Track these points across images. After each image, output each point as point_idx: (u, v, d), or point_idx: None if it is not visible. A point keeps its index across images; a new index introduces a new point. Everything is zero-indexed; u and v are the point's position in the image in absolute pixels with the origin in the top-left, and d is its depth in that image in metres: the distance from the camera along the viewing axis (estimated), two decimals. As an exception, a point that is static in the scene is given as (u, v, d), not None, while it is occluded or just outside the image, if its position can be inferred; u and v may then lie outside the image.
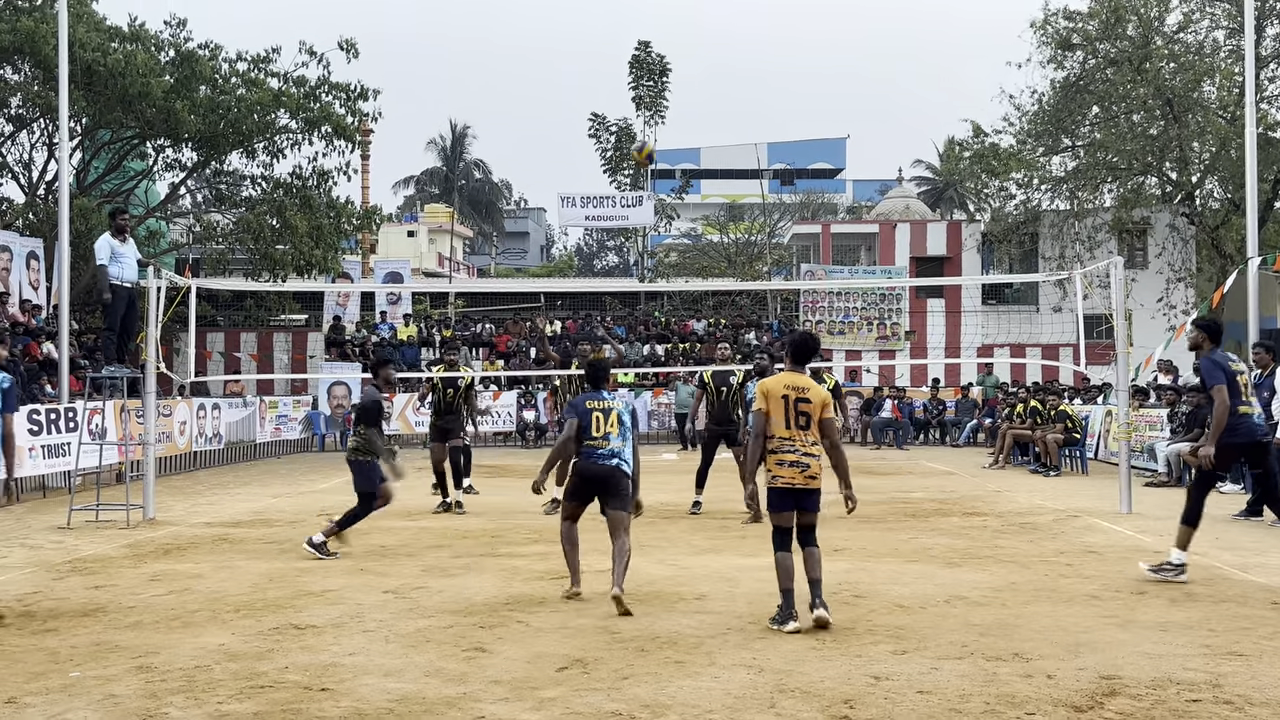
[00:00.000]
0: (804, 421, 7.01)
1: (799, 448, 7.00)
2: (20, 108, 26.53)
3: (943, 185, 60.83)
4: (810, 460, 7.01)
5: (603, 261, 76.82)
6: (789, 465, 6.99)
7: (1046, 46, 32.63)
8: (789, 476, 7.00)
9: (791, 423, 7.00)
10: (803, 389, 7.06)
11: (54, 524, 12.60)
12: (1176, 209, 33.13)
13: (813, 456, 7.03)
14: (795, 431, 7.00)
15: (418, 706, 5.42)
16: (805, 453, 7.00)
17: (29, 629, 7.20)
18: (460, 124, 73.48)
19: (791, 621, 6.89)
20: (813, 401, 7.05)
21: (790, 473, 6.99)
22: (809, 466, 7.01)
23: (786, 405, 7.00)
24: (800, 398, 7.02)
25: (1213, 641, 6.63)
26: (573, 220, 38.11)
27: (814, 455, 7.04)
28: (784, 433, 7.01)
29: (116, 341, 14.56)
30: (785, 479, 7.00)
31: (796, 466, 6.99)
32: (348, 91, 28.38)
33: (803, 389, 7.06)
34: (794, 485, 7.02)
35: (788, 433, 7.00)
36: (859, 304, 34.97)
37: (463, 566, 9.50)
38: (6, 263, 23.19)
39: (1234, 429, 8.65)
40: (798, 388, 7.06)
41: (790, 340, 7.51)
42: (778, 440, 7.02)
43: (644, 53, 38.83)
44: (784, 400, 7.01)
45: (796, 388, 7.06)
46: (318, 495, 16.13)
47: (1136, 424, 17.89)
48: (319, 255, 28.52)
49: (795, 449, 7.00)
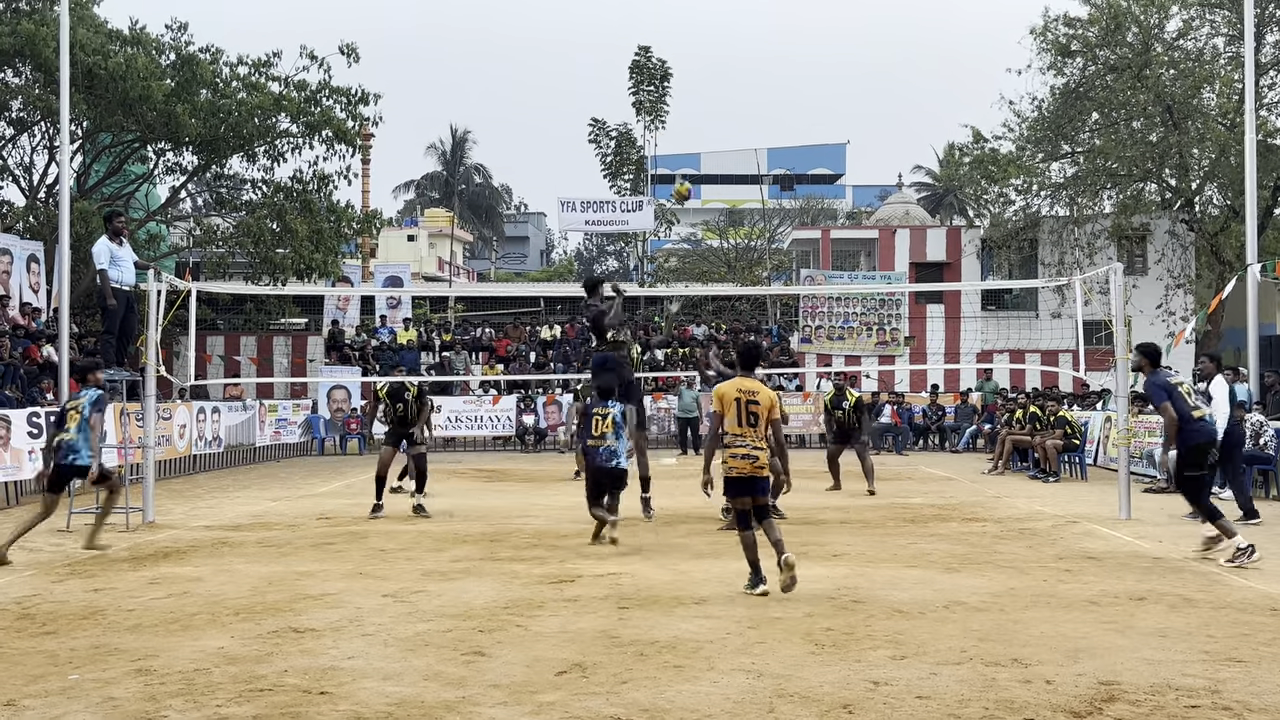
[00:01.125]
0: (753, 420, 7.97)
1: (748, 442, 7.96)
2: (21, 111, 26.57)
3: (943, 191, 60.90)
4: (758, 453, 7.99)
5: (603, 266, 76.86)
6: (741, 458, 7.95)
7: (1046, 53, 32.70)
8: (741, 467, 7.95)
9: (743, 421, 7.96)
10: (753, 392, 7.99)
11: (53, 527, 12.59)
12: (1176, 215, 33.17)
13: (760, 450, 8.00)
14: (745, 429, 7.96)
15: (416, 710, 5.42)
16: (754, 447, 7.96)
17: (28, 631, 7.19)
18: (461, 128, 73.68)
19: (760, 585, 8.00)
20: (760, 403, 7.99)
21: (742, 464, 7.96)
22: (757, 459, 7.97)
23: (739, 406, 7.94)
24: (750, 400, 7.96)
25: (1212, 648, 6.63)
26: (573, 224, 38.15)
27: (761, 449, 8.02)
28: (736, 430, 7.97)
29: (116, 345, 14.56)
30: (738, 470, 7.95)
31: (747, 459, 7.95)
32: (348, 96, 28.42)
33: (753, 392, 7.99)
34: (744, 474, 7.98)
35: (739, 430, 7.97)
36: (858, 309, 34.99)
37: (462, 571, 9.50)
38: (7, 266, 23.21)
39: (1197, 432, 10.00)
40: (748, 391, 8.00)
41: (739, 350, 8.48)
42: (731, 436, 7.97)
43: (644, 58, 38.88)
44: (736, 402, 7.96)
45: (747, 391, 8.00)
46: (317, 499, 16.13)
47: (1135, 430, 17.90)
48: (319, 259, 28.55)
49: (745, 444, 7.96)
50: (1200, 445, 10.07)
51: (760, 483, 8.08)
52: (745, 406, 7.98)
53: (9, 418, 14.87)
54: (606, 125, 39.59)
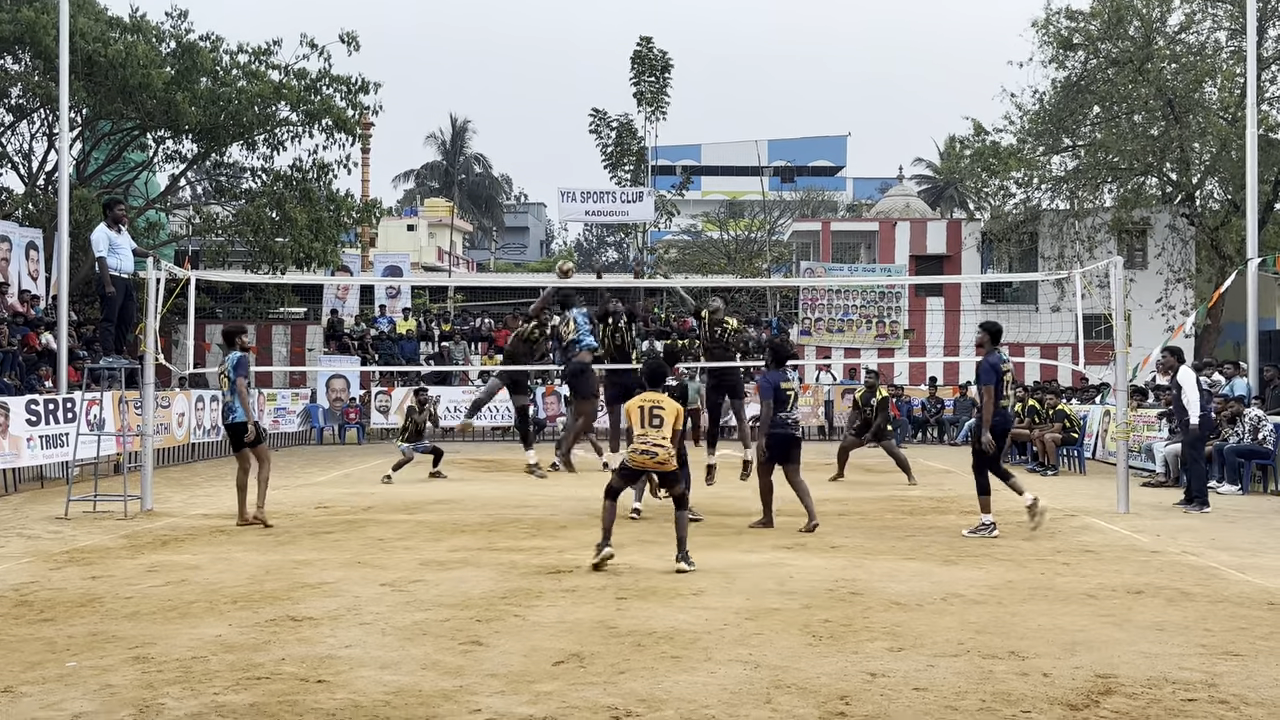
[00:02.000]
0: (657, 422, 9.13)
1: (649, 440, 9.09)
2: (20, 98, 26.47)
3: (943, 184, 60.82)
4: (658, 450, 9.08)
5: (602, 257, 76.78)
6: (640, 452, 9.10)
7: (1048, 46, 32.63)
8: (640, 461, 9.12)
9: (645, 423, 9.15)
10: (657, 403, 9.25)
11: (51, 514, 12.61)
12: (1176, 210, 33.13)
13: (660, 447, 9.08)
14: (648, 429, 9.13)
15: (414, 699, 5.43)
16: (654, 444, 9.08)
17: (26, 618, 7.20)
18: (461, 118, 73.43)
19: (607, 547, 8.94)
20: (666, 410, 9.20)
21: (641, 458, 9.12)
22: (656, 454, 9.07)
23: (643, 413, 9.19)
24: (655, 406, 9.21)
25: (1209, 641, 6.64)
26: (573, 215, 38.11)
27: (661, 446, 9.08)
28: (639, 430, 9.14)
29: (114, 332, 14.55)
30: (637, 463, 9.15)
31: (646, 454, 9.09)
32: (348, 84, 28.31)
33: (657, 403, 9.25)
34: (644, 466, 9.18)
35: (642, 430, 9.13)
36: (858, 302, 34.98)
37: (460, 560, 9.51)
38: (6, 253, 23.17)
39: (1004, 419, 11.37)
40: (653, 402, 9.26)
41: (644, 371, 9.87)
42: (637, 436, 9.15)
43: (646, 48, 38.77)
44: (641, 409, 9.22)
45: (652, 402, 9.26)
46: (315, 488, 16.13)
47: (1134, 424, 17.90)
48: (318, 248, 28.45)
49: (646, 441, 9.09)
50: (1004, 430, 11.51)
51: (667, 476, 9.23)
52: (649, 411, 9.17)
53: (7, 405, 14.86)
54: (607, 116, 39.51)
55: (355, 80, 28.38)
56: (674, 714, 5.20)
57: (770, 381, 11.35)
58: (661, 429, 9.12)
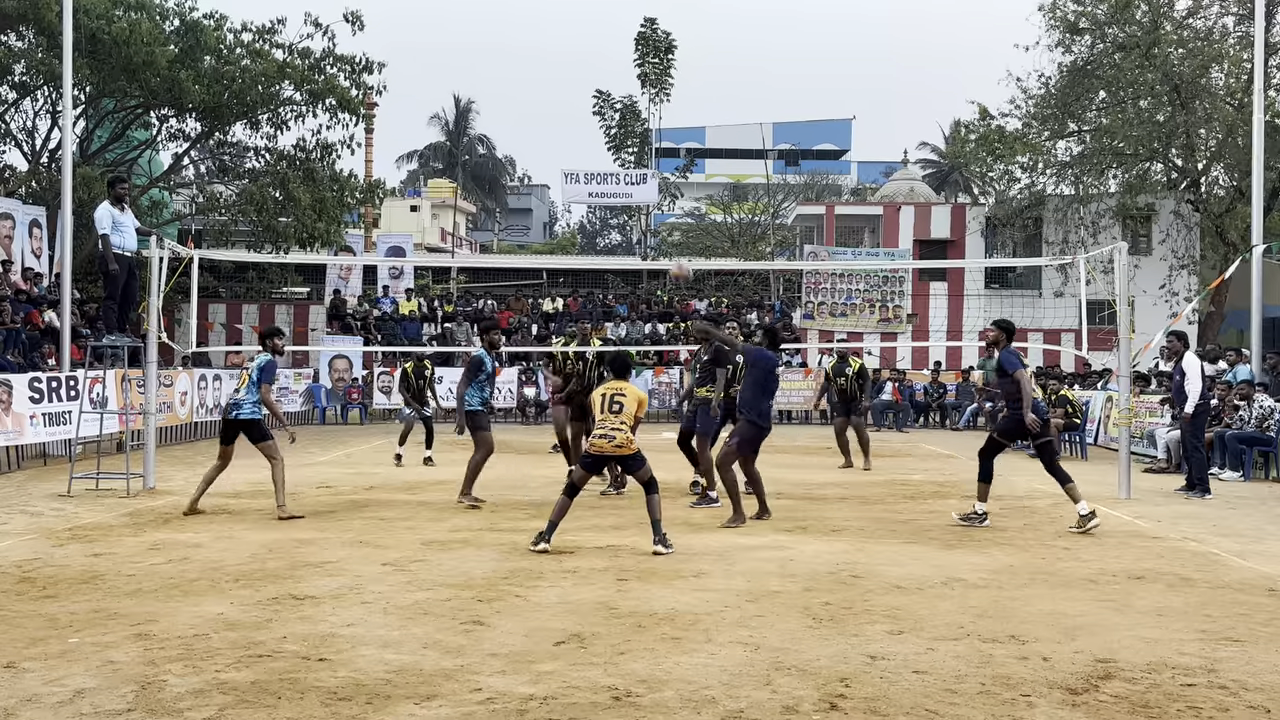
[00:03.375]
0: (616, 408, 9.22)
1: (608, 425, 9.17)
2: (24, 75, 26.41)
3: (948, 168, 60.63)
4: (616, 434, 9.15)
5: (606, 239, 76.68)
6: (600, 437, 9.17)
7: (1055, 30, 32.48)
8: (600, 446, 9.17)
9: (605, 409, 9.24)
10: (619, 390, 9.34)
11: (55, 492, 12.64)
12: (1181, 196, 33.04)
13: (619, 431, 9.15)
14: (608, 415, 9.22)
15: (415, 677, 5.44)
16: (613, 428, 9.15)
17: (29, 595, 7.22)
18: (464, 99, 73.22)
19: (543, 543, 8.92)
20: (628, 397, 9.27)
21: (601, 443, 9.15)
22: (615, 438, 9.14)
23: (604, 400, 9.29)
24: (616, 394, 9.29)
25: (1209, 627, 6.65)
26: (576, 197, 38.10)
27: (619, 430, 9.16)
28: (600, 417, 9.25)
29: (117, 311, 14.55)
30: (597, 448, 9.18)
31: (605, 438, 9.15)
32: (352, 64, 28.27)
33: (619, 390, 9.34)
34: (604, 452, 9.21)
35: (603, 416, 9.23)
36: (861, 286, 34.92)
37: (461, 541, 9.52)
38: (9, 230, 23.17)
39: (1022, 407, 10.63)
40: (615, 389, 9.35)
41: (610, 363, 9.91)
42: (597, 423, 9.24)
43: (650, 29, 38.68)
44: (603, 397, 9.32)
45: (614, 389, 9.35)
46: (318, 467, 16.16)
47: (1136, 410, 17.90)
48: (322, 228, 28.46)
49: (606, 427, 9.17)
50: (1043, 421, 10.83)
51: (627, 460, 9.32)
52: (610, 399, 9.27)
53: (10, 383, 14.88)
54: (611, 98, 39.43)
55: (359, 60, 28.35)
56: (674, 695, 5.22)
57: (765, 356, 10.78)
58: (621, 414, 9.18)
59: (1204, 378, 13.92)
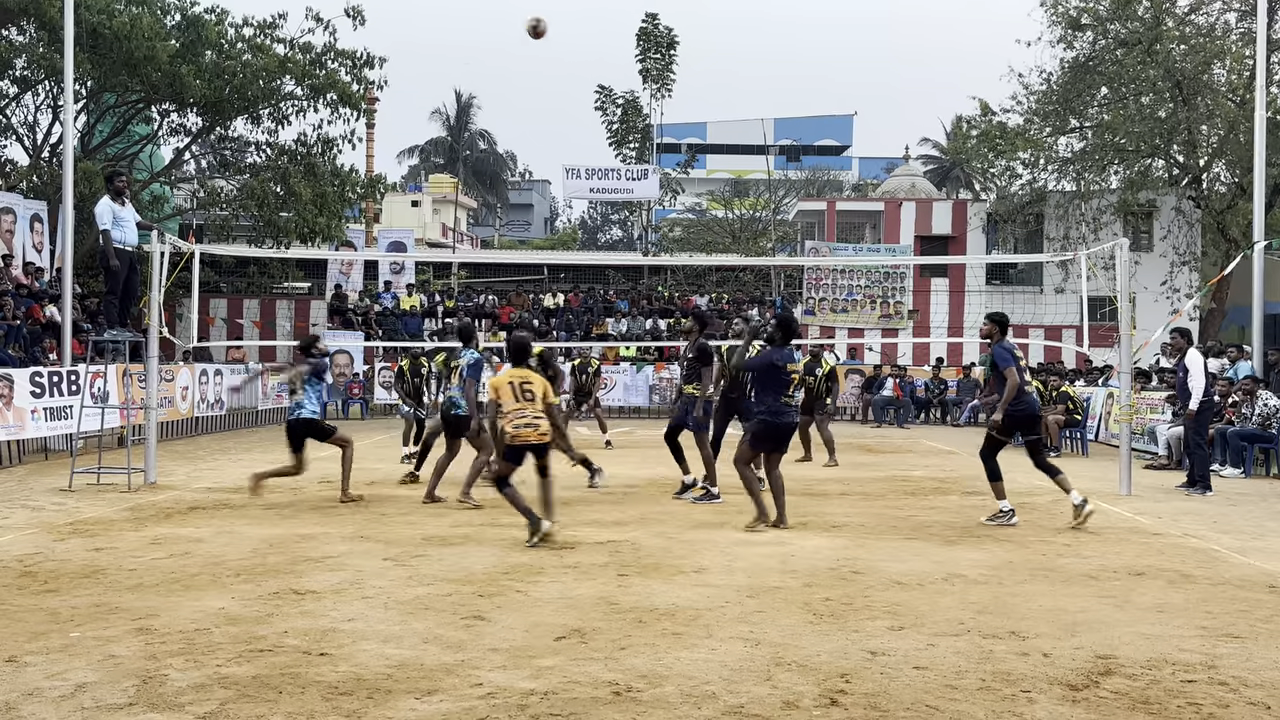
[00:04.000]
0: (529, 396, 9.09)
1: (528, 413, 9.04)
2: (25, 69, 26.41)
3: (949, 164, 60.58)
4: (539, 421, 9.08)
5: (607, 235, 76.66)
6: (523, 426, 9.03)
7: (1056, 26, 32.43)
8: (525, 435, 9.02)
9: (520, 398, 9.07)
10: (527, 379, 9.20)
11: (56, 486, 12.65)
12: (1183, 192, 33.00)
13: (540, 419, 9.09)
14: (524, 403, 9.07)
15: (416, 672, 5.45)
16: (535, 416, 9.06)
17: (30, 589, 7.23)
18: (465, 94, 73.17)
19: (542, 525, 8.93)
20: (535, 384, 9.16)
21: (525, 431, 9.04)
22: (539, 425, 9.07)
23: (513, 388, 9.09)
24: (524, 382, 9.15)
25: (1209, 623, 6.65)
26: (577, 192, 38.04)
27: (540, 418, 9.09)
28: (514, 406, 9.04)
29: (118, 305, 14.55)
30: (521, 437, 9.02)
31: (529, 426, 9.03)
32: (354, 59, 28.25)
33: (527, 379, 9.20)
34: (529, 441, 9.06)
35: (518, 405, 9.04)
36: (863, 282, 34.90)
37: (462, 536, 9.53)
38: (10, 225, 23.16)
39: (1019, 402, 10.56)
40: (523, 378, 9.21)
41: (509, 348, 9.74)
42: (512, 412, 9.03)
43: (651, 25, 38.59)
44: (510, 385, 9.10)
45: (521, 378, 9.20)
46: (318, 463, 16.14)
47: (1138, 406, 17.90)
48: (323, 223, 28.46)
49: (526, 415, 9.04)
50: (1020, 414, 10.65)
51: (545, 448, 9.20)
52: (520, 387, 9.12)
53: (12, 377, 14.88)
54: (613, 93, 39.37)
55: (360, 55, 28.32)
56: (675, 690, 5.22)
57: (765, 360, 10.13)
58: (535, 402, 9.11)
59: (1207, 374, 13.91)
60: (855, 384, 28.56)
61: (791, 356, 10.30)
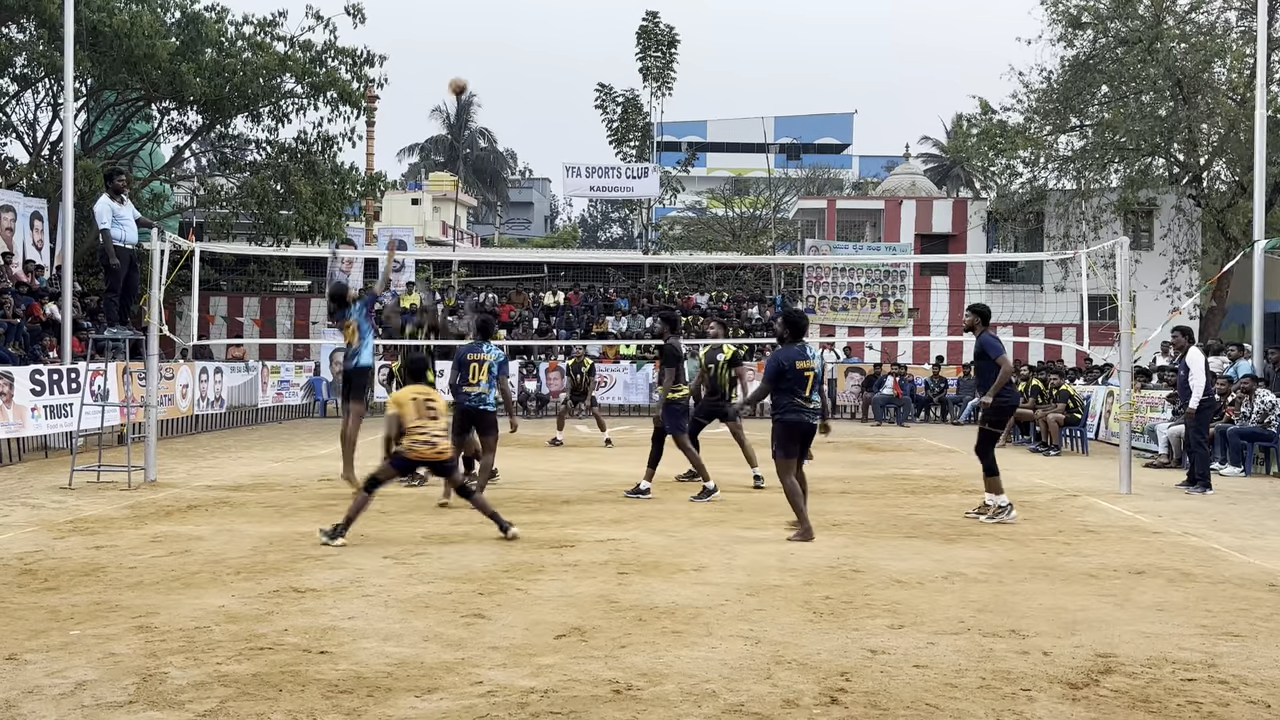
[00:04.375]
0: (433, 414, 9.12)
1: (429, 430, 9.04)
2: (25, 67, 26.39)
3: (950, 163, 60.58)
4: (438, 440, 9.10)
5: (607, 233, 76.64)
6: (422, 444, 9.01)
7: (1057, 24, 32.45)
8: (422, 452, 9.04)
9: (423, 415, 9.08)
10: (430, 396, 9.24)
11: (56, 484, 12.65)
12: (1183, 191, 33.01)
13: (440, 438, 9.10)
14: (425, 421, 9.06)
15: (416, 670, 5.45)
16: (435, 434, 9.07)
17: (30, 587, 7.23)
18: (466, 92, 73.06)
19: (339, 538, 8.89)
20: (437, 403, 9.22)
21: (423, 449, 9.03)
22: (437, 444, 9.07)
23: (416, 404, 9.10)
24: (428, 400, 9.17)
25: (1209, 622, 6.65)
26: (577, 190, 38.03)
27: (440, 436, 9.11)
28: (417, 422, 9.03)
29: (118, 303, 14.55)
30: (418, 454, 9.05)
31: (428, 444, 9.02)
32: (354, 57, 28.22)
33: (430, 396, 9.24)
34: (424, 457, 9.08)
35: (419, 422, 9.03)
36: (863, 280, 34.91)
37: (462, 534, 9.53)
38: (10, 223, 23.16)
39: (1005, 392, 10.72)
40: (425, 395, 9.23)
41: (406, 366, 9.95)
42: (415, 427, 9.02)
43: (652, 23, 38.59)
44: (414, 401, 9.11)
45: (425, 395, 9.22)
46: (319, 460, 16.17)
47: (1138, 405, 17.89)
48: (323, 221, 28.44)
49: (427, 432, 9.03)
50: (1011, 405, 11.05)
51: (443, 464, 9.20)
52: (424, 404, 9.12)
53: (12, 375, 14.88)
54: (613, 91, 39.37)
55: (360, 53, 28.29)
56: (675, 688, 5.22)
57: (773, 362, 9.55)
58: (438, 421, 9.15)
59: (1208, 373, 13.90)
60: (855, 382, 28.57)
61: (803, 354, 9.56)
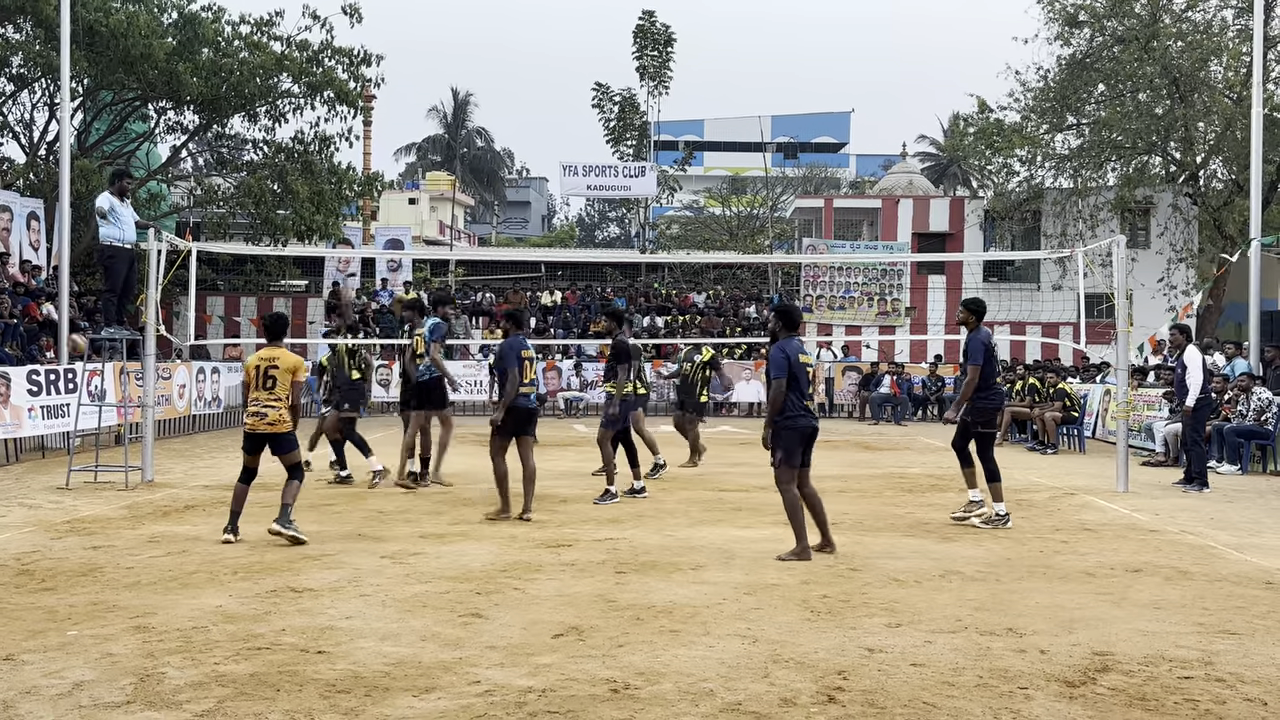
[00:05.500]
0: (270, 384, 8.81)
1: (261, 401, 8.81)
2: (22, 67, 26.33)
3: (946, 161, 60.63)
4: (268, 410, 8.80)
5: (604, 232, 76.63)
6: (252, 415, 8.82)
7: (1054, 23, 32.46)
8: (253, 425, 8.83)
9: (259, 385, 8.83)
10: (273, 361, 8.86)
11: (53, 484, 12.64)
12: (1180, 189, 33.04)
13: (270, 407, 8.81)
14: (260, 391, 8.83)
15: (413, 670, 5.45)
16: (265, 404, 8.80)
17: (28, 587, 7.22)
18: (463, 91, 73.10)
19: (229, 535, 8.82)
20: (280, 367, 8.84)
21: (253, 421, 8.82)
22: (266, 415, 8.79)
23: (258, 373, 8.84)
24: (270, 365, 8.82)
25: (1206, 620, 6.66)
26: (574, 189, 38.02)
27: (273, 406, 8.81)
28: (254, 394, 8.85)
29: (116, 303, 14.54)
30: (250, 426, 8.83)
31: (257, 415, 8.81)
32: (350, 57, 28.18)
33: (273, 361, 8.86)
34: (256, 430, 8.82)
35: (256, 393, 8.84)
36: (860, 279, 34.91)
37: (460, 534, 9.53)
38: (7, 223, 23.12)
39: (992, 396, 10.54)
40: (269, 360, 8.87)
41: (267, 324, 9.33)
42: (251, 398, 8.87)
43: (648, 22, 38.59)
44: (257, 369, 8.85)
45: (269, 360, 8.87)
46: (317, 459, 16.13)
47: (1135, 403, 17.91)
48: (320, 221, 28.40)
49: (258, 404, 8.81)
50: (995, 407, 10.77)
51: (277, 440, 8.89)
52: (264, 372, 8.85)
53: (8, 375, 14.87)
54: (610, 90, 39.37)
55: (357, 53, 28.26)
56: (672, 687, 5.23)
57: (783, 352, 8.53)
58: (275, 390, 8.84)
59: (1205, 371, 13.91)
60: (852, 381, 28.57)
61: (800, 349, 8.66)
